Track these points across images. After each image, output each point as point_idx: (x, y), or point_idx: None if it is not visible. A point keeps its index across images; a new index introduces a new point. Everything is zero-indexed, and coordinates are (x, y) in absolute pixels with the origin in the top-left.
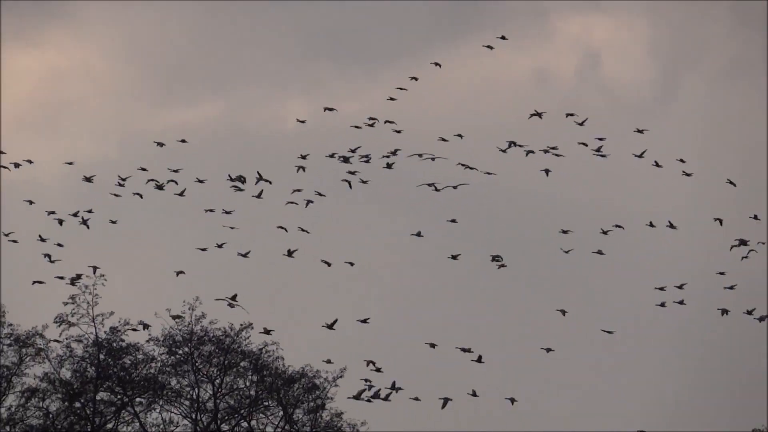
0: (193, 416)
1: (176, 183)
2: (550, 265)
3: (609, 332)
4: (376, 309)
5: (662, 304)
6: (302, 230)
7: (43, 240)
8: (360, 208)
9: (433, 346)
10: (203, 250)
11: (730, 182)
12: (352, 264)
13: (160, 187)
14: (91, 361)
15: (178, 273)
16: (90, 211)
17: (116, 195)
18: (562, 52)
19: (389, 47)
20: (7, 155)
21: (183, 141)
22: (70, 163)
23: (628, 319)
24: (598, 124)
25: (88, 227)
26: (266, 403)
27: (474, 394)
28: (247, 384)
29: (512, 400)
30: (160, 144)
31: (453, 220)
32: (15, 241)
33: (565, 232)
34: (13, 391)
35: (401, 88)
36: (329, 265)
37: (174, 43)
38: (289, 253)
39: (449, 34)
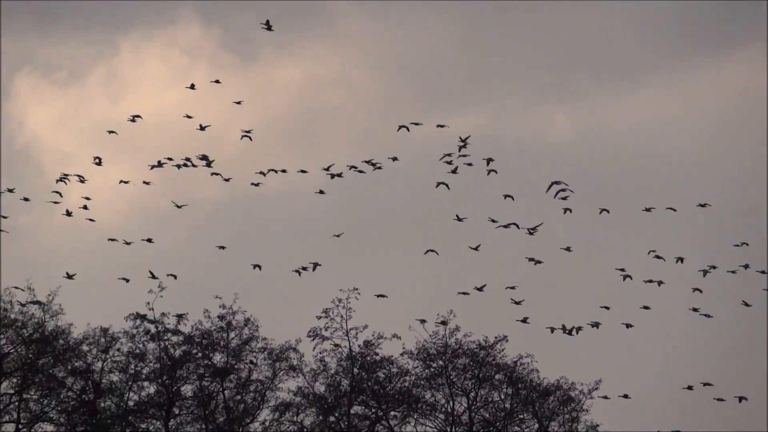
0: (448, 430)
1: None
2: None
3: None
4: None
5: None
6: (567, 249)
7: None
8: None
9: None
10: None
11: None
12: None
13: None
14: (345, 375)
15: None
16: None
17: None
18: None
19: (650, 56)
20: (261, 165)
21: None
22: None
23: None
24: None
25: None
26: (521, 416)
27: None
28: (502, 397)
29: None
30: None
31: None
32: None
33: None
34: (267, 405)
35: None
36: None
37: (432, 54)
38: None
39: (712, 42)
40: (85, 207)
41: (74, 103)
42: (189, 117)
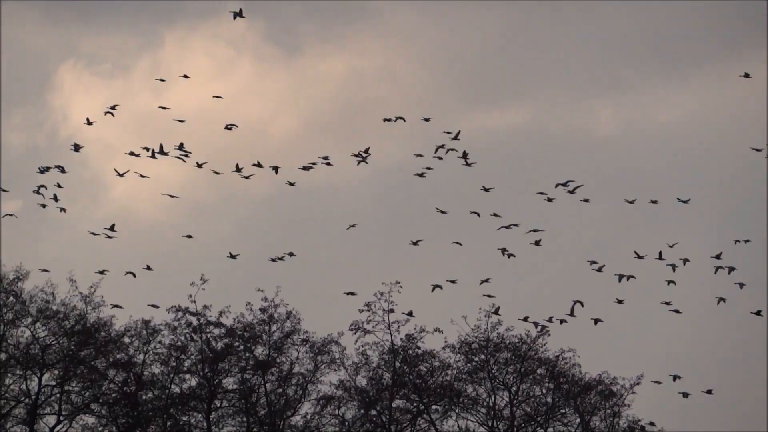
0: (490, 424)
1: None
2: None
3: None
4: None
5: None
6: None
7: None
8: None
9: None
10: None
11: None
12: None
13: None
14: (386, 369)
15: None
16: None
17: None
18: None
19: (697, 51)
20: (306, 157)
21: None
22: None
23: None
24: None
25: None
26: (563, 411)
27: None
28: (544, 391)
29: None
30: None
31: None
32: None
33: None
34: (309, 398)
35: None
36: None
37: (478, 47)
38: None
39: (760, 38)
40: (55, 197)
41: (118, 95)
42: (164, 108)
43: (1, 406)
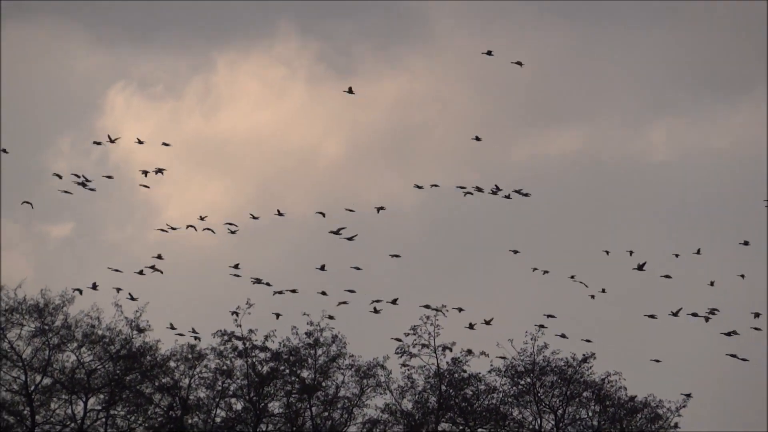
0: None
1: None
2: None
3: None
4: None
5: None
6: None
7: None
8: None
9: None
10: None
11: None
12: None
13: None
14: (432, 392)
15: None
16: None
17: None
18: None
19: (748, 76)
20: (357, 179)
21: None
22: None
23: None
24: None
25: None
26: None
27: None
28: (590, 414)
29: None
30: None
31: None
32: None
33: None
34: (355, 422)
35: None
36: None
37: (530, 71)
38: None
39: None
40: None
41: (169, 118)
42: (140, 142)
43: (47, 431)
